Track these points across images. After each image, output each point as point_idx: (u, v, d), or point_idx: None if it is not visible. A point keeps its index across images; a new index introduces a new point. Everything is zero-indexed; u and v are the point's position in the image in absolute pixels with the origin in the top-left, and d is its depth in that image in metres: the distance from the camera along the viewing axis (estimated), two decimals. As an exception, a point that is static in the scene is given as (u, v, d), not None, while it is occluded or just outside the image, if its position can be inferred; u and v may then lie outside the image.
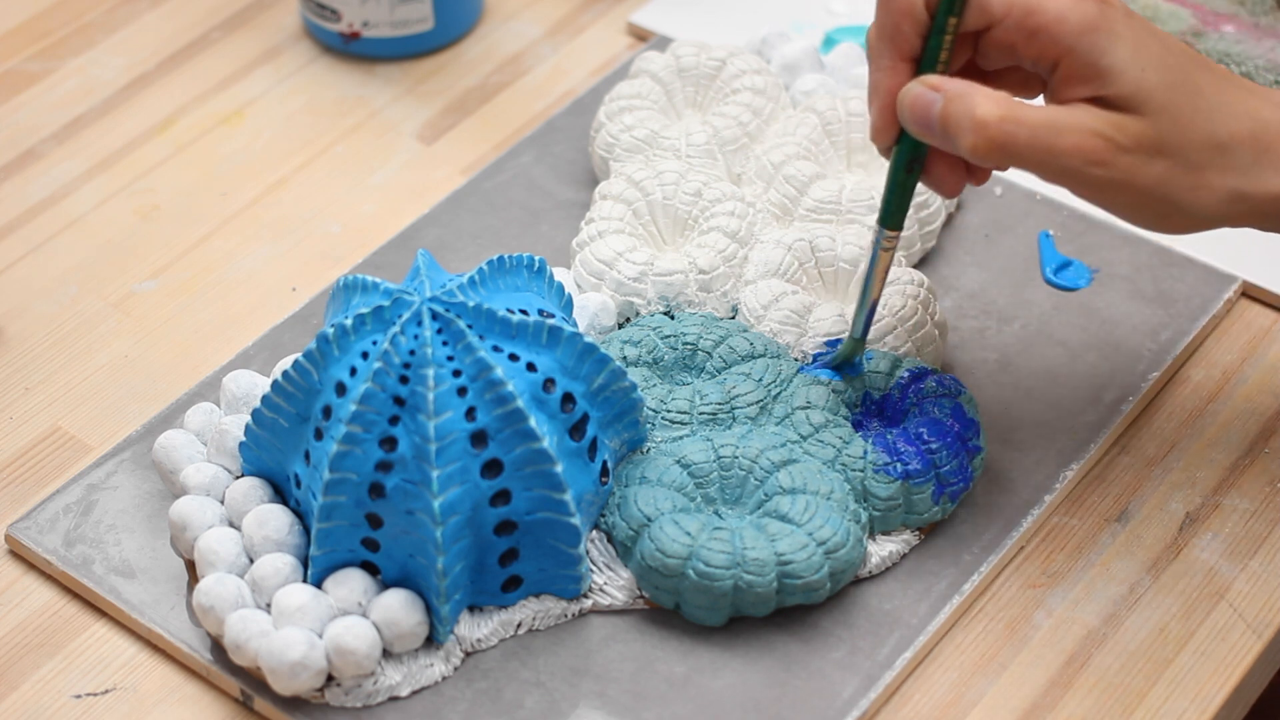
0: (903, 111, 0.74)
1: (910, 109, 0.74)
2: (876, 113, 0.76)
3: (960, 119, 0.72)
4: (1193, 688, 0.76)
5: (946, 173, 0.77)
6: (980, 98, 0.72)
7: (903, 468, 0.78)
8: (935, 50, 0.74)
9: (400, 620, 0.74)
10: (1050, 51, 0.73)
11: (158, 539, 0.80)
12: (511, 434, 0.74)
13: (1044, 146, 0.72)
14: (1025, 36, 0.73)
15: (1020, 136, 0.71)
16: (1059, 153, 0.72)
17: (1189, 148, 0.73)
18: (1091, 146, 0.72)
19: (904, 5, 0.74)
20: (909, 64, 0.75)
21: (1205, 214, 0.74)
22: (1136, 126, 0.72)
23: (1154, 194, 0.73)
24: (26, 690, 0.77)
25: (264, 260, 0.93)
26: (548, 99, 1.01)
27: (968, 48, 0.76)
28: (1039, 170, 0.73)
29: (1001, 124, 0.71)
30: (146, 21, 1.06)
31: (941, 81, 0.73)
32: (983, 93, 0.72)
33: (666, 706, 0.75)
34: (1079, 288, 0.88)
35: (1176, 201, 0.73)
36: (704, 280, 0.86)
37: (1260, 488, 0.82)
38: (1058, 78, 0.73)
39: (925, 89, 0.73)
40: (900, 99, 0.74)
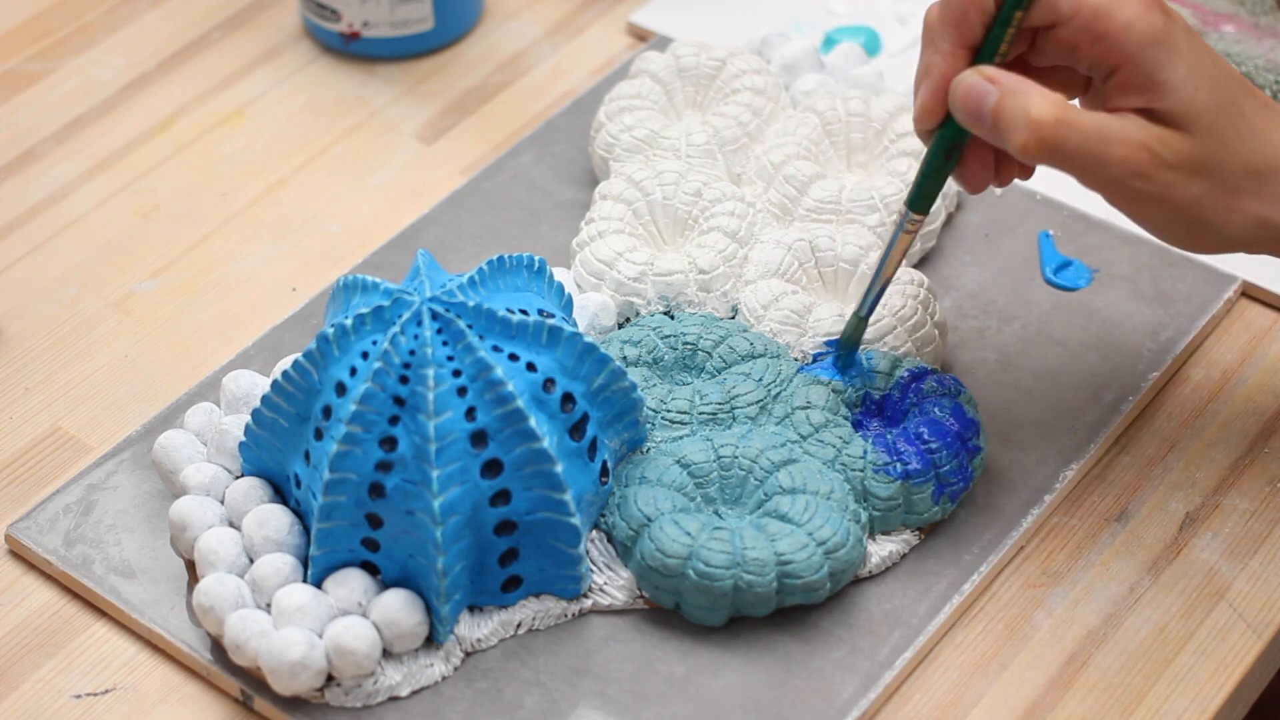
0: (954, 99, 0.74)
1: (964, 98, 0.73)
2: (927, 94, 0.75)
3: (1014, 115, 0.72)
4: (1193, 688, 0.76)
5: (978, 168, 0.77)
6: (1036, 96, 0.72)
7: (903, 468, 0.78)
8: (996, 41, 0.74)
9: (400, 620, 0.74)
10: (1112, 58, 0.73)
11: (158, 539, 0.80)
12: (511, 434, 0.74)
13: (1092, 153, 0.72)
14: (1090, 39, 0.73)
15: (1071, 140, 0.71)
16: (1106, 161, 0.72)
17: (1228, 171, 0.73)
18: (1138, 159, 0.72)
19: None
20: (967, 51, 0.75)
21: (1233, 237, 0.74)
22: (1182, 144, 0.72)
23: (1189, 212, 0.73)
24: (26, 690, 0.77)
25: (264, 260, 0.93)
26: (548, 99, 1.01)
27: (1024, 42, 0.76)
28: (1082, 175, 0.73)
29: (1056, 126, 0.71)
30: (146, 21, 1.06)
31: (998, 74, 0.73)
32: (1038, 91, 0.72)
33: (666, 706, 0.75)
34: (1079, 288, 0.88)
35: (1209, 222, 0.74)
36: (704, 280, 0.86)
37: (1260, 488, 0.82)
38: (1113, 84, 0.73)
39: (981, 79, 0.73)
40: (954, 86, 0.74)
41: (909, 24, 1.04)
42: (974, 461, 0.80)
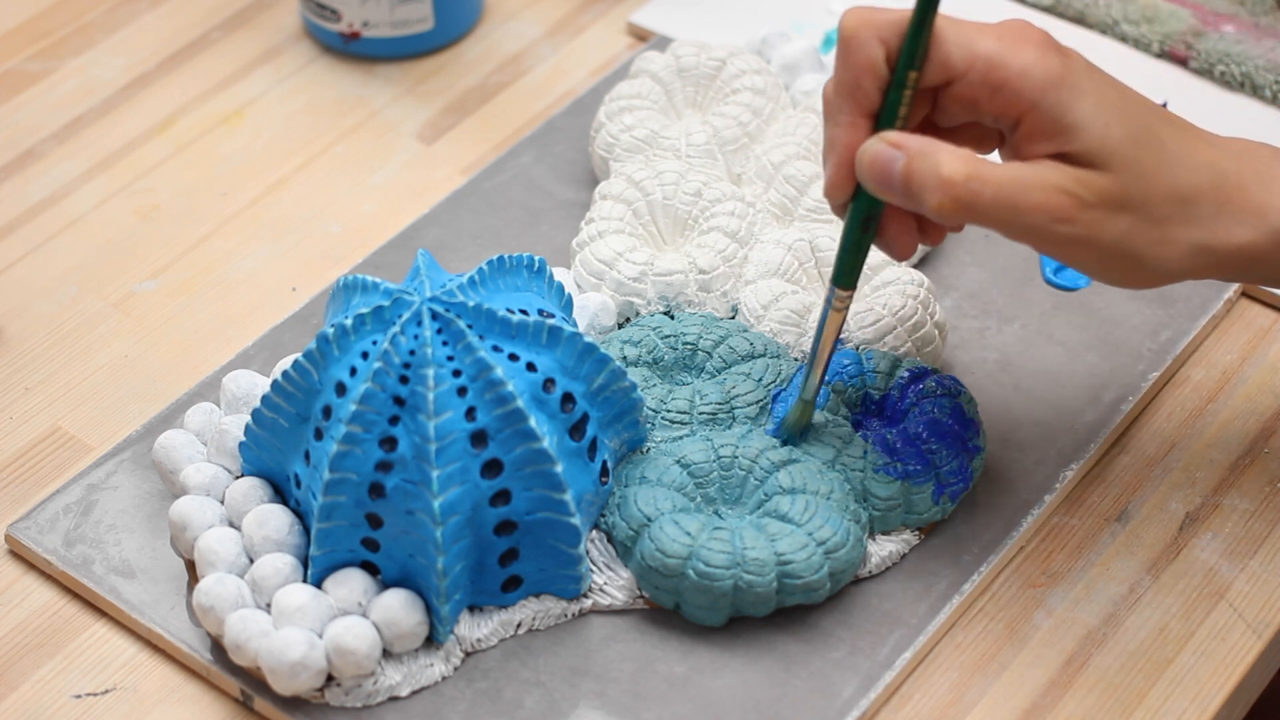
0: (861, 169, 0.72)
1: (870, 166, 0.72)
2: (833, 169, 0.74)
3: (925, 177, 0.70)
4: (1193, 688, 0.76)
5: (900, 233, 0.75)
6: (945, 155, 0.70)
7: (902, 468, 0.78)
8: (894, 105, 0.72)
9: (400, 620, 0.74)
10: (1013, 107, 0.71)
11: (158, 539, 0.80)
12: (511, 434, 0.74)
13: (1009, 204, 0.70)
14: (988, 92, 0.72)
15: (986, 195, 0.70)
16: (1024, 210, 0.70)
17: (1152, 202, 0.71)
18: (1057, 203, 0.70)
19: (864, 60, 0.72)
20: (868, 120, 0.73)
21: (1169, 269, 0.73)
22: (1101, 182, 0.71)
23: (1119, 250, 0.72)
24: (26, 690, 0.77)
25: (264, 260, 0.93)
26: (548, 99, 1.01)
27: (926, 103, 0.74)
28: (1004, 228, 0.71)
29: (968, 182, 0.70)
30: (146, 21, 1.06)
31: (902, 138, 0.71)
32: (946, 150, 0.70)
33: (666, 706, 0.75)
34: (1079, 288, 0.88)
35: (1141, 257, 0.72)
36: (704, 280, 0.86)
37: (1260, 488, 0.82)
38: (1020, 134, 0.72)
39: (886, 146, 0.71)
40: (859, 156, 0.72)
41: (909, 24, 1.04)
42: (974, 461, 0.80)
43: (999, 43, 0.71)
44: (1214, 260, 0.73)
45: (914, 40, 0.72)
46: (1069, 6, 1.04)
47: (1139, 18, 1.02)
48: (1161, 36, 1.01)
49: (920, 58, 0.72)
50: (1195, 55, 0.99)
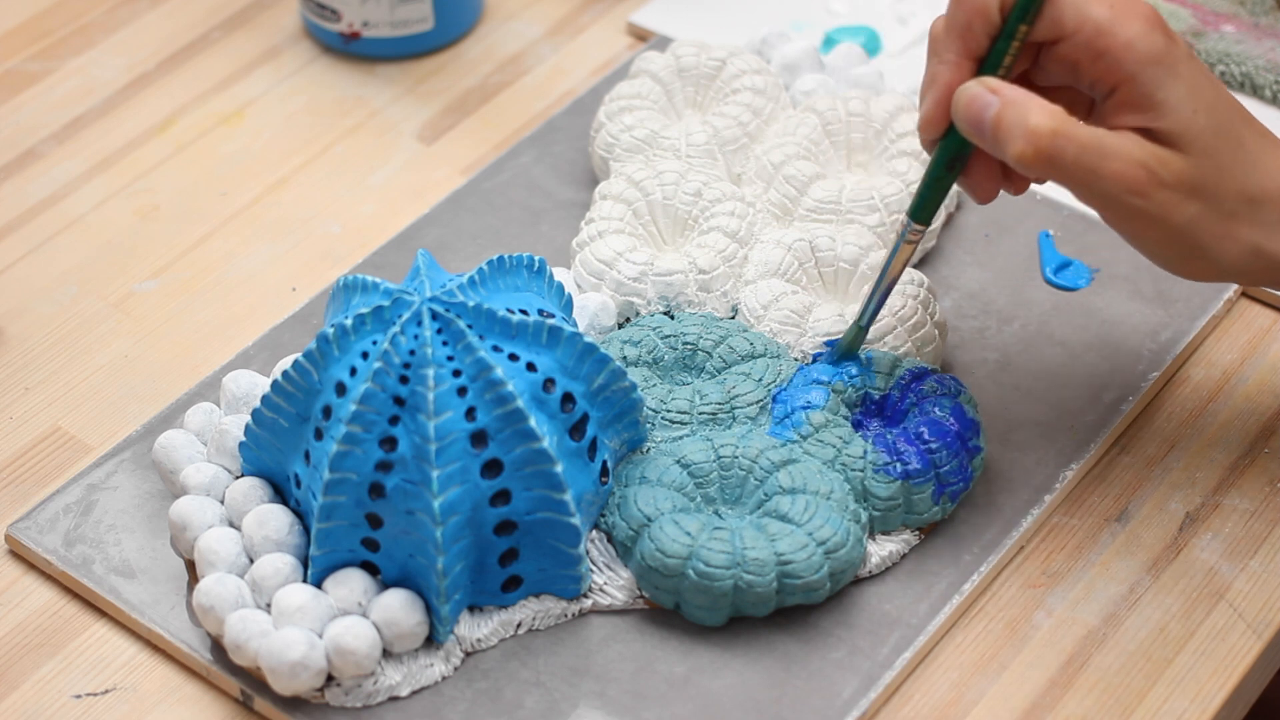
0: (957, 109, 0.74)
1: (966, 108, 0.74)
2: (930, 104, 0.76)
3: (1013, 125, 0.72)
4: (1193, 688, 0.76)
5: (984, 178, 0.77)
6: (1035, 107, 0.72)
7: (903, 468, 0.78)
8: (1000, 54, 0.75)
9: (400, 620, 0.74)
10: (1112, 75, 0.73)
11: (158, 539, 0.80)
12: (511, 434, 0.74)
13: (1089, 167, 0.72)
14: (1091, 56, 0.73)
15: (1068, 153, 0.72)
16: (1102, 175, 0.72)
17: (1224, 195, 0.73)
18: (1133, 176, 0.72)
19: (978, 4, 0.74)
20: (972, 62, 0.75)
21: (1227, 263, 0.74)
22: (1179, 164, 0.72)
23: (1183, 234, 0.73)
24: (26, 690, 0.77)
25: (264, 260, 0.93)
26: (548, 99, 1.01)
27: (1028, 59, 0.76)
28: (1078, 189, 0.73)
29: (1053, 137, 0.71)
30: (146, 21, 1.06)
31: (1000, 85, 0.73)
32: (1038, 103, 0.72)
33: (666, 706, 0.75)
34: (1079, 288, 0.88)
35: (1203, 246, 0.74)
36: (704, 280, 0.86)
37: (1260, 488, 0.82)
38: (1112, 102, 0.74)
39: (983, 90, 0.73)
40: (957, 96, 0.74)
41: (909, 24, 1.04)
42: (974, 461, 0.80)
43: (1110, 10, 0.74)
44: (1268, 265, 0.75)
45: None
46: (1069, 6, 1.03)
47: (1139, 18, 1.01)
48: (1161, 36, 1.01)
49: (1034, 12, 0.74)
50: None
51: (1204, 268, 0.75)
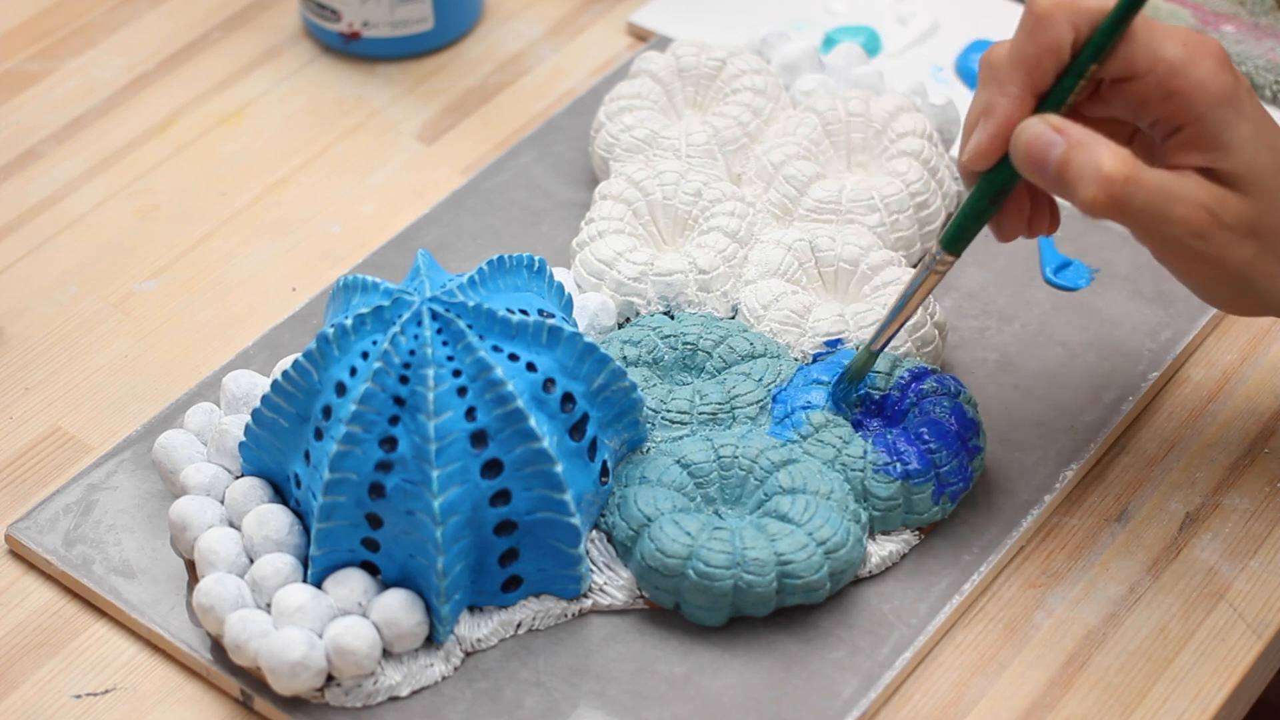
0: (1017, 146, 0.73)
1: (1027, 145, 0.72)
2: (986, 137, 0.74)
3: (1084, 169, 0.71)
4: (1193, 688, 0.76)
5: (1014, 216, 0.76)
6: (1106, 151, 0.71)
7: (903, 468, 0.78)
8: (1065, 92, 0.73)
9: (400, 620, 0.74)
10: (1180, 115, 0.72)
11: (158, 539, 0.80)
12: (511, 434, 0.74)
13: (1157, 212, 0.71)
14: (1162, 96, 0.72)
15: (1138, 199, 0.71)
16: (1169, 220, 0.71)
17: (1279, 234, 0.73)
18: (1198, 219, 0.71)
19: (1052, 40, 0.73)
20: (1035, 98, 0.73)
21: (1274, 300, 0.74)
22: (1239, 205, 0.72)
23: (1237, 274, 0.73)
24: (26, 690, 0.77)
25: (264, 260, 0.93)
26: (548, 99, 1.01)
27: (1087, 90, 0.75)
28: (1142, 232, 0.72)
29: (1125, 184, 0.70)
30: (146, 21, 1.06)
31: (1065, 125, 0.72)
32: (1107, 145, 0.71)
33: (666, 706, 0.75)
34: (1079, 288, 0.88)
35: (1255, 285, 0.73)
36: (704, 280, 0.86)
37: (1260, 488, 0.82)
38: (1176, 141, 0.73)
39: (1048, 129, 0.72)
40: (1018, 133, 0.72)
41: (909, 24, 1.04)
42: (974, 461, 0.80)
43: (1184, 50, 0.72)
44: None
45: (1110, 34, 0.72)
46: (1069, 6, 1.03)
47: (1139, 18, 1.01)
48: (1161, 36, 1.01)
49: (1109, 51, 0.73)
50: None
51: (1251, 304, 0.75)
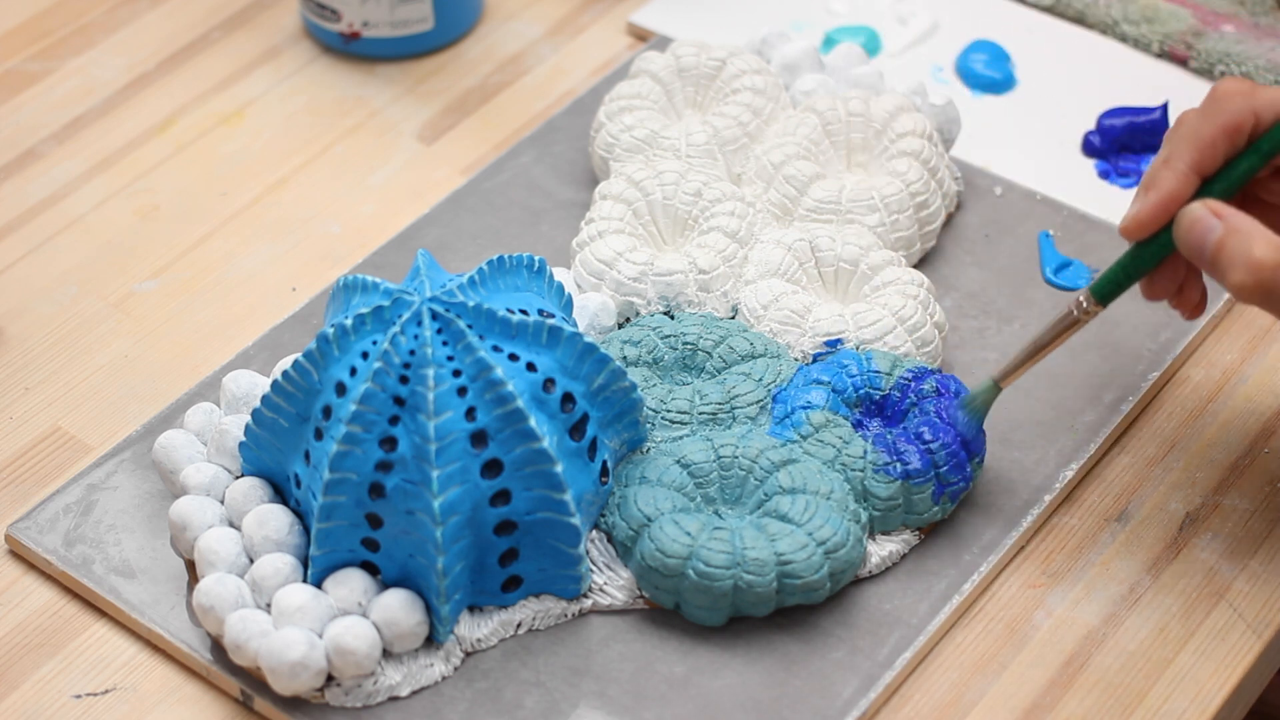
0: (1180, 227, 0.74)
1: (1189, 228, 0.74)
2: (1148, 209, 0.75)
3: (1235, 254, 0.72)
4: (1193, 688, 0.76)
5: (1167, 279, 0.77)
6: (1260, 238, 0.72)
7: (903, 468, 0.78)
8: (1235, 177, 0.75)
9: (400, 620, 0.74)
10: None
11: (158, 539, 0.80)
12: (511, 434, 0.74)
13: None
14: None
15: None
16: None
17: None
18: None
19: (1231, 124, 0.74)
20: (1200, 178, 0.75)
21: None
22: None
23: None
24: (26, 690, 0.77)
25: (264, 260, 0.93)
26: (548, 99, 1.01)
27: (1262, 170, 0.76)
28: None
29: (1275, 271, 0.71)
30: (146, 21, 1.06)
31: (1225, 210, 0.73)
32: (1263, 233, 0.72)
33: (666, 706, 0.75)
34: (1079, 288, 0.88)
35: None
36: (704, 280, 0.86)
37: (1260, 488, 0.82)
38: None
39: (1207, 214, 0.73)
40: (1182, 215, 0.74)
41: (909, 24, 1.04)
42: (974, 461, 0.80)
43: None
44: None
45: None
46: (1069, 6, 1.04)
47: (1139, 18, 1.02)
48: (1161, 36, 1.01)
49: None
50: (1195, 55, 0.99)
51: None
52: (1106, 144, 0.96)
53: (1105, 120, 0.96)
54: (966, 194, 0.94)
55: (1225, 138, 0.75)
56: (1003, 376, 0.79)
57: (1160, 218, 0.75)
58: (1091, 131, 0.97)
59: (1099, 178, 0.96)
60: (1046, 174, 0.95)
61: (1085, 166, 0.96)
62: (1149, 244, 0.76)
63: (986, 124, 0.98)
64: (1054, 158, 0.96)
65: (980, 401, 0.80)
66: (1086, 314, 0.78)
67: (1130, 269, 0.77)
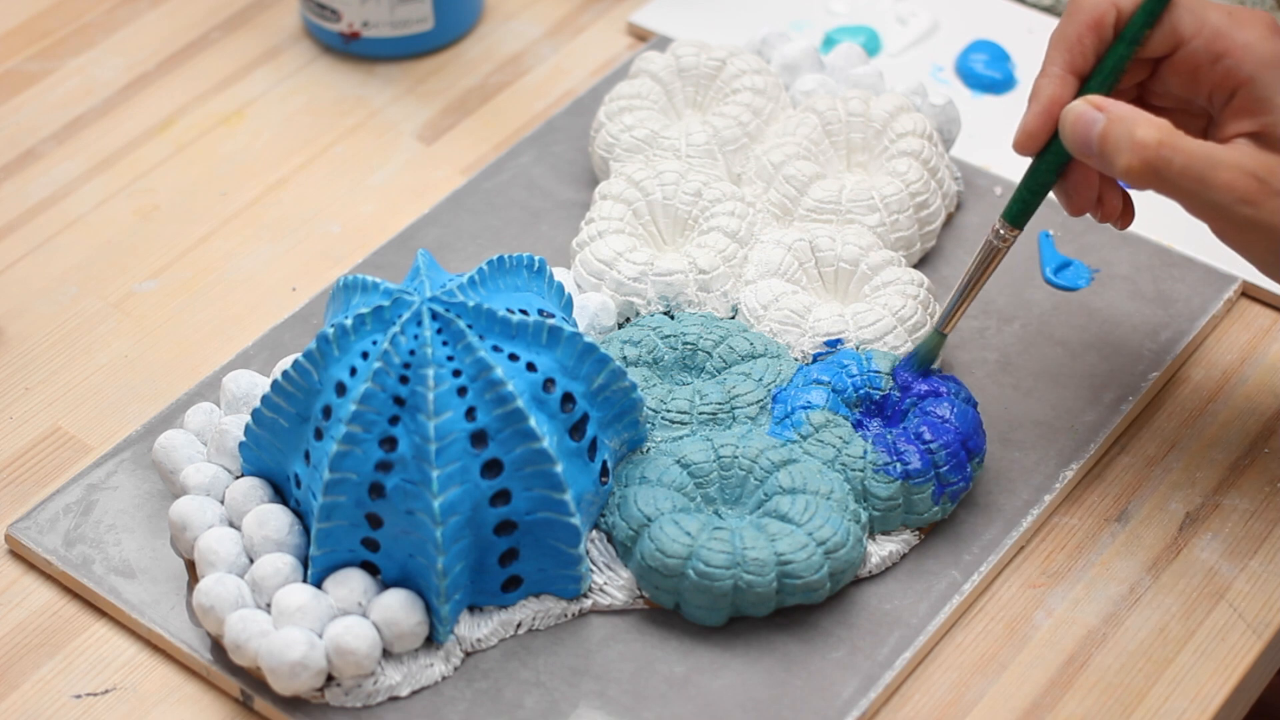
0: (1064, 127, 0.75)
1: (1073, 126, 0.75)
2: (1033, 118, 0.77)
3: (1119, 139, 0.73)
4: (1193, 688, 0.76)
5: (1080, 189, 0.78)
6: (1142, 120, 0.73)
7: (903, 468, 0.78)
8: (1108, 70, 0.76)
9: (400, 620, 0.74)
10: (1230, 79, 0.74)
11: (158, 539, 0.80)
12: (511, 434, 0.74)
13: (1197, 177, 0.72)
14: (1209, 60, 0.75)
15: (1175, 163, 0.72)
16: (1211, 185, 0.73)
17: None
18: (1244, 185, 0.73)
19: (1091, 17, 0.76)
20: (1076, 77, 0.76)
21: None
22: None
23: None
24: (26, 690, 0.77)
25: (264, 260, 0.93)
26: (548, 99, 1.01)
27: (1143, 72, 0.77)
28: (1186, 199, 0.73)
29: (1159, 148, 0.72)
30: (146, 21, 1.06)
31: (1105, 102, 0.74)
32: (1144, 117, 0.73)
33: (666, 706, 0.75)
34: (1079, 288, 0.88)
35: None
36: (704, 280, 0.86)
37: (1260, 488, 0.82)
38: (1229, 111, 0.75)
39: (1089, 108, 0.74)
40: (1064, 115, 0.75)
41: (909, 24, 1.04)
42: (974, 461, 0.80)
43: (1229, 16, 0.75)
44: None
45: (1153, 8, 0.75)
46: (1069, 6, 1.04)
47: (1139, 18, 1.02)
48: (1161, 36, 1.01)
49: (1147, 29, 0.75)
50: None
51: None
52: (1106, 144, 0.96)
53: (1105, 120, 0.96)
54: (966, 194, 0.94)
55: (1091, 33, 0.76)
56: (943, 323, 0.81)
57: (1047, 124, 0.76)
58: (1091, 131, 0.97)
59: (1099, 178, 0.96)
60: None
61: (1085, 166, 0.96)
62: (1045, 155, 0.77)
63: (986, 124, 0.98)
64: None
65: (925, 351, 0.81)
66: (1004, 240, 0.79)
67: (1033, 185, 0.78)
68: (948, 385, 0.81)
